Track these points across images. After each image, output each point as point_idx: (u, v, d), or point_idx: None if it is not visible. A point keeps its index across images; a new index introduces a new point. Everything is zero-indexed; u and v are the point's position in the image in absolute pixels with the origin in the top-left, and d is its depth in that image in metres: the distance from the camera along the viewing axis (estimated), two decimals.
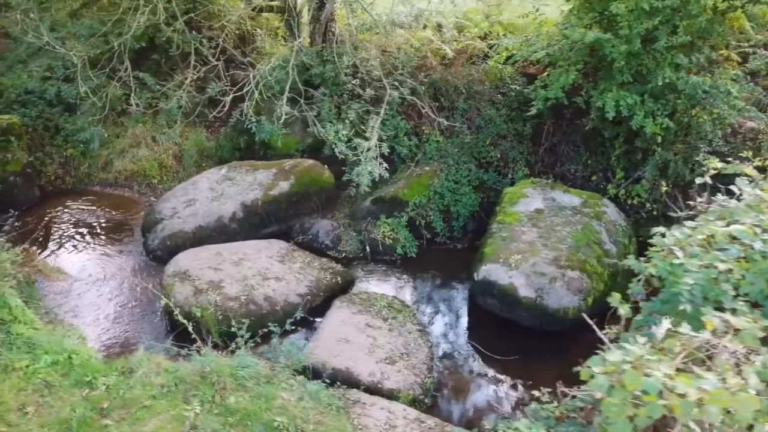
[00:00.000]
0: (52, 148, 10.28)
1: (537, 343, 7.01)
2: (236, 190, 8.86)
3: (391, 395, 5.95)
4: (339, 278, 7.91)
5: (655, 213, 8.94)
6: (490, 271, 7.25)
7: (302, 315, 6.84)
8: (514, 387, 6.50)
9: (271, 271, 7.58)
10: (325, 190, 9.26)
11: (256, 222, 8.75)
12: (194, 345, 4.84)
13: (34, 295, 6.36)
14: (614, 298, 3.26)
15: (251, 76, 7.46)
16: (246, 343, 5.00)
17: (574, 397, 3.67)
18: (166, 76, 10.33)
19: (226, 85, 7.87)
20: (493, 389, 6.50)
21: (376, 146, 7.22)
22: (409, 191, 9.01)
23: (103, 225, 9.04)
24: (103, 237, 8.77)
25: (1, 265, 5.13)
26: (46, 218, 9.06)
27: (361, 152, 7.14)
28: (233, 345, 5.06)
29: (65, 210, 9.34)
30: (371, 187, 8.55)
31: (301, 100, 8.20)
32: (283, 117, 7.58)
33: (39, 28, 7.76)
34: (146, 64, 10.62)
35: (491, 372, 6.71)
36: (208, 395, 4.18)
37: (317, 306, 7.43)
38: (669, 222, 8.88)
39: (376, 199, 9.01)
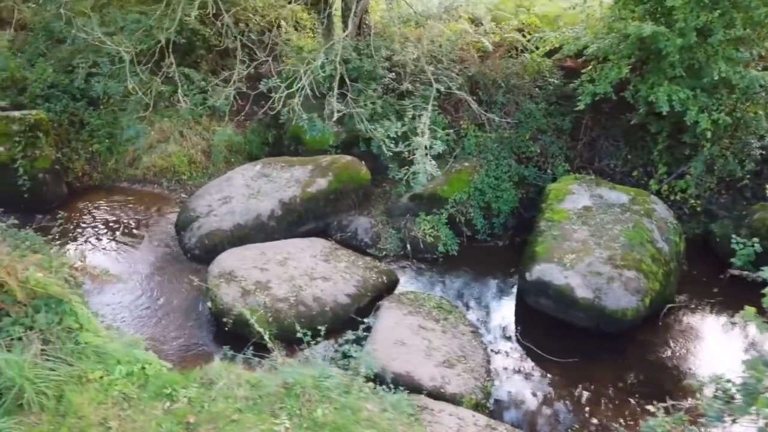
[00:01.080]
0: (78, 143, 9.98)
1: (592, 344, 6.89)
2: (273, 188, 8.66)
3: (454, 400, 5.81)
4: (384, 278, 7.74)
5: (698, 209, 8.83)
6: (544, 270, 7.10)
7: (353, 316, 6.75)
8: (575, 389, 6.38)
9: (317, 270, 7.40)
10: (362, 186, 9.07)
11: (295, 220, 8.57)
12: (271, 354, 4.67)
13: (83, 298, 6.15)
14: (748, 312, 3.11)
15: (301, 71, 7.25)
16: (316, 346, 4.83)
17: (688, 410, 3.54)
18: (197, 69, 10.07)
19: (280, 81, 7.63)
20: (554, 392, 6.37)
21: (428, 144, 7.01)
22: (448, 187, 8.84)
23: (137, 223, 8.82)
24: (138, 235, 8.56)
25: (60, 270, 4.93)
26: (78, 216, 8.84)
27: (415, 149, 6.93)
28: (304, 352, 4.90)
29: (96, 207, 9.10)
30: (407, 183, 8.37)
31: (348, 95, 7.98)
32: (335, 114, 7.36)
33: (90, 21, 7.49)
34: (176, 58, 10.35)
35: (549, 374, 6.58)
36: (294, 408, 4.02)
37: (364, 306, 7.28)
38: (712, 217, 8.82)
39: (414, 195, 8.82)
